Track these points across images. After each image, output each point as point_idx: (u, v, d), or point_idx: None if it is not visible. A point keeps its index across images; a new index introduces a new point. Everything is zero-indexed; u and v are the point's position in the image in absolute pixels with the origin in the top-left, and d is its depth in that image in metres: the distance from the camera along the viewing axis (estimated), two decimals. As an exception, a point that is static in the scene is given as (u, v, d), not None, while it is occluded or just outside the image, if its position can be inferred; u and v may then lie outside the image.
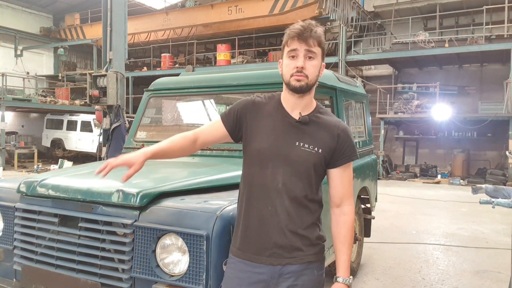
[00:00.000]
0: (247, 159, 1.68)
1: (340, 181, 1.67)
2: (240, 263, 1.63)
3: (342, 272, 1.63)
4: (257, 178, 1.63)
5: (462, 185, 12.29)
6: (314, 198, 1.65)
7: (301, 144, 1.61)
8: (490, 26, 13.99)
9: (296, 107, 1.64)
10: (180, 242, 1.83)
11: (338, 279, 1.63)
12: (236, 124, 1.70)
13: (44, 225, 2.17)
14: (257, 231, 1.60)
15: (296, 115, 1.64)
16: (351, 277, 1.65)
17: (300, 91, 1.59)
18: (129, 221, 1.92)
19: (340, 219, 1.66)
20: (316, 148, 1.61)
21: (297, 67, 1.56)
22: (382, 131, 14.27)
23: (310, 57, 1.58)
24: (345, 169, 1.67)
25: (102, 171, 1.63)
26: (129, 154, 1.66)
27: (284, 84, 1.64)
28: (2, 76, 15.34)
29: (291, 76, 1.58)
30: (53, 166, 13.03)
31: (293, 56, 1.58)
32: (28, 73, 20.04)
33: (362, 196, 4.19)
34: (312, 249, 1.63)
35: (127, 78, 15.98)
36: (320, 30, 1.60)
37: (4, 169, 12.27)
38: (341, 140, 1.64)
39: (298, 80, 1.57)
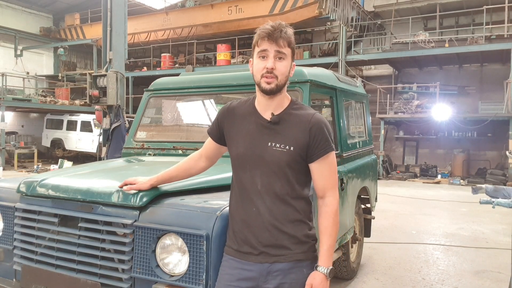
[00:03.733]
0: (231, 163, 1.75)
1: (320, 174, 1.68)
2: (231, 260, 1.68)
3: (322, 261, 1.64)
4: (239, 181, 1.70)
5: (462, 185, 12.29)
6: (298, 195, 1.66)
7: (273, 144, 1.63)
8: (490, 26, 13.99)
9: (268, 108, 1.68)
10: (180, 242, 1.83)
11: (317, 268, 1.64)
12: (220, 133, 1.80)
13: (44, 225, 2.16)
14: (244, 233, 1.65)
15: (268, 116, 1.67)
16: (330, 267, 1.64)
17: (270, 92, 1.63)
18: (129, 221, 1.92)
19: (322, 211, 1.68)
20: (287, 147, 1.62)
21: (266, 68, 1.59)
22: (382, 131, 14.27)
23: (280, 58, 1.61)
24: (323, 161, 1.67)
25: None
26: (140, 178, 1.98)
27: (256, 85, 1.67)
28: (2, 76, 15.35)
29: (261, 77, 1.61)
30: (53, 166, 13.03)
31: (263, 57, 1.61)
32: (28, 73, 20.06)
33: (362, 196, 4.19)
34: (300, 247, 1.64)
35: (127, 78, 15.98)
36: (290, 31, 1.63)
37: (4, 169, 12.27)
38: (314, 134, 1.64)
39: (268, 83, 1.60)
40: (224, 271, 1.69)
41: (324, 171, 1.67)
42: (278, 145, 1.63)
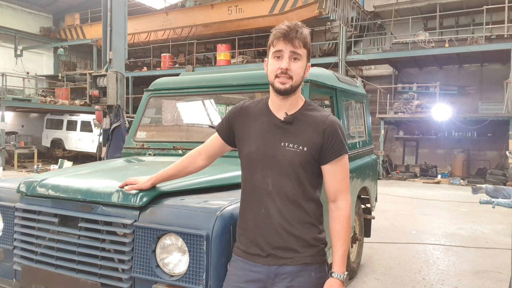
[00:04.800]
0: (241, 163, 1.72)
1: (333, 176, 1.65)
2: (239, 261, 1.66)
3: (336, 267, 1.62)
4: (249, 181, 1.67)
5: (462, 185, 12.29)
6: (310, 197, 1.64)
7: (286, 144, 1.61)
8: (490, 26, 13.99)
9: (281, 108, 1.66)
10: (180, 242, 1.83)
11: (332, 274, 1.63)
12: (229, 132, 1.77)
13: (44, 225, 2.16)
14: (253, 233, 1.63)
15: (281, 116, 1.65)
16: (346, 272, 1.63)
17: (284, 93, 1.61)
18: (129, 221, 1.92)
19: (335, 215, 1.65)
20: (300, 147, 1.60)
21: (281, 69, 1.58)
22: (382, 131, 14.27)
23: (295, 58, 1.59)
24: (336, 164, 1.64)
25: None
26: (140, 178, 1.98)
27: (270, 85, 1.65)
28: (2, 76, 15.34)
29: (276, 77, 1.60)
30: (53, 166, 13.03)
31: (278, 57, 1.60)
32: (28, 73, 20.05)
33: (362, 196, 4.19)
34: (309, 250, 1.62)
35: (127, 78, 15.98)
36: (306, 31, 1.61)
37: (4, 169, 12.27)
38: (327, 135, 1.62)
39: (283, 83, 1.59)
40: (232, 272, 1.67)
41: (337, 174, 1.65)
42: (291, 145, 1.60)
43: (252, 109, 1.73)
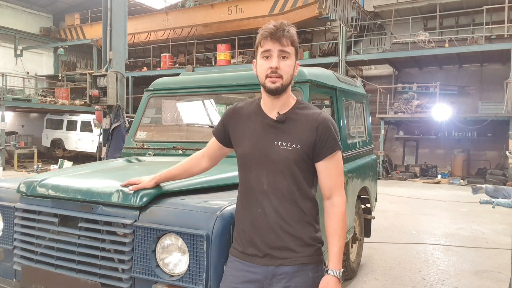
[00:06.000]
0: (237, 163, 1.74)
1: (327, 173, 1.65)
2: (236, 262, 1.66)
3: (332, 264, 1.62)
4: (245, 181, 1.68)
5: (462, 185, 12.29)
6: (305, 195, 1.64)
7: (279, 143, 1.62)
8: (490, 26, 13.99)
9: (273, 107, 1.67)
10: (180, 242, 1.83)
11: (328, 271, 1.62)
12: (225, 134, 1.79)
13: (44, 225, 2.16)
14: (250, 234, 1.64)
15: (274, 116, 1.66)
16: (342, 269, 1.63)
17: (276, 92, 1.61)
18: (129, 221, 1.92)
19: (330, 211, 1.65)
20: (294, 145, 1.61)
21: (271, 68, 1.58)
22: (382, 131, 14.26)
23: (283, 57, 1.60)
24: (330, 160, 1.65)
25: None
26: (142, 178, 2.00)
27: (261, 86, 1.66)
28: (2, 76, 15.34)
29: (266, 77, 1.60)
30: (53, 166, 13.02)
31: (267, 57, 1.60)
32: (28, 73, 20.05)
33: (362, 196, 4.19)
34: (306, 250, 1.62)
35: (127, 78, 15.98)
36: (292, 29, 1.62)
37: (4, 169, 12.27)
38: (320, 132, 1.62)
39: (273, 82, 1.59)
40: (229, 273, 1.68)
41: (331, 170, 1.65)
42: (284, 144, 1.61)
43: (245, 110, 1.74)
